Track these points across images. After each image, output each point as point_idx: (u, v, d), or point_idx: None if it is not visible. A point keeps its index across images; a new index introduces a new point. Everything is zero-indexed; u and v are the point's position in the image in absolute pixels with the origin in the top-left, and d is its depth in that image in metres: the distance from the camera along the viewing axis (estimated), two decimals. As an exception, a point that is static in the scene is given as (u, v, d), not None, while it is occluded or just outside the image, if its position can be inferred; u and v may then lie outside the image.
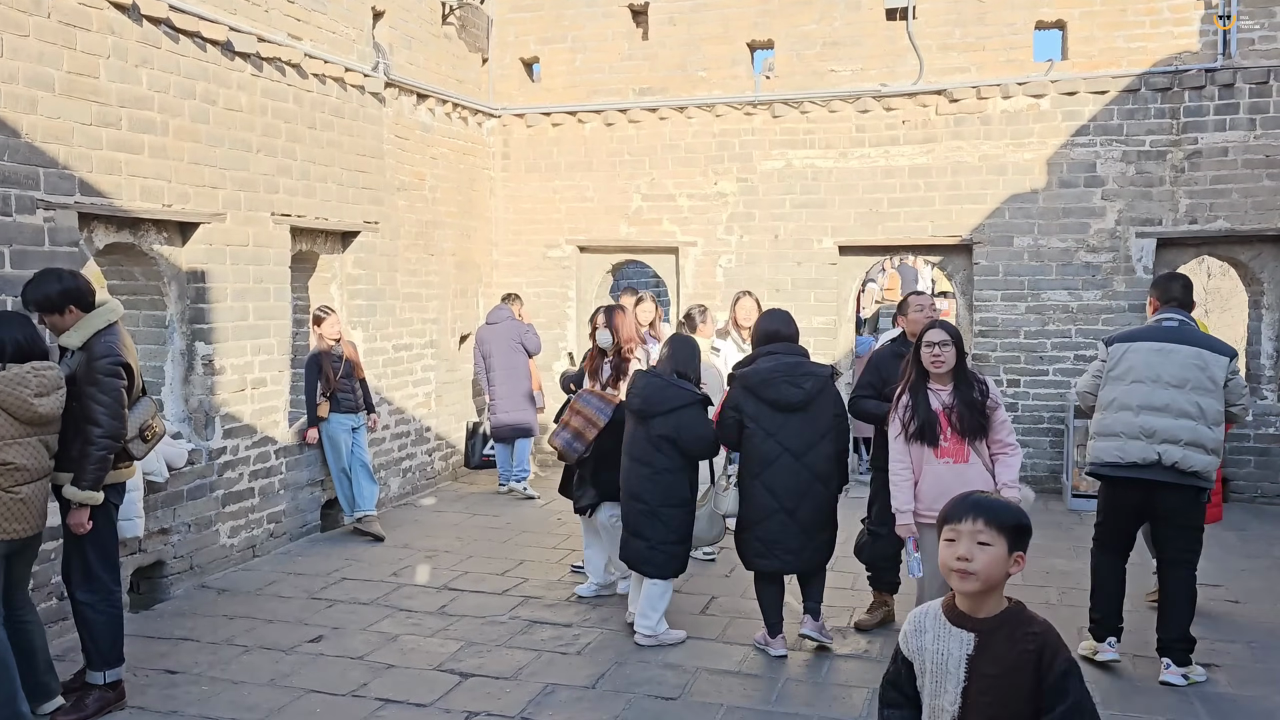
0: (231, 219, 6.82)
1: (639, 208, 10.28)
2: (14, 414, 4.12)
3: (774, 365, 5.14)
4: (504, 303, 9.64)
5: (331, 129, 7.92)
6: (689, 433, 5.33)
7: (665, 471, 5.34)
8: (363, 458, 7.90)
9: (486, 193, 10.57)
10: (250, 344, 7.04)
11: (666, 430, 5.30)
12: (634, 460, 5.44)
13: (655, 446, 5.34)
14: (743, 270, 10.00)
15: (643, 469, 5.38)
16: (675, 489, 5.38)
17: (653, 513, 5.35)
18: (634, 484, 5.43)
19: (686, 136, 10.10)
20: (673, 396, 5.36)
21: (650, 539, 5.37)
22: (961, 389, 4.73)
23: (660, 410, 5.34)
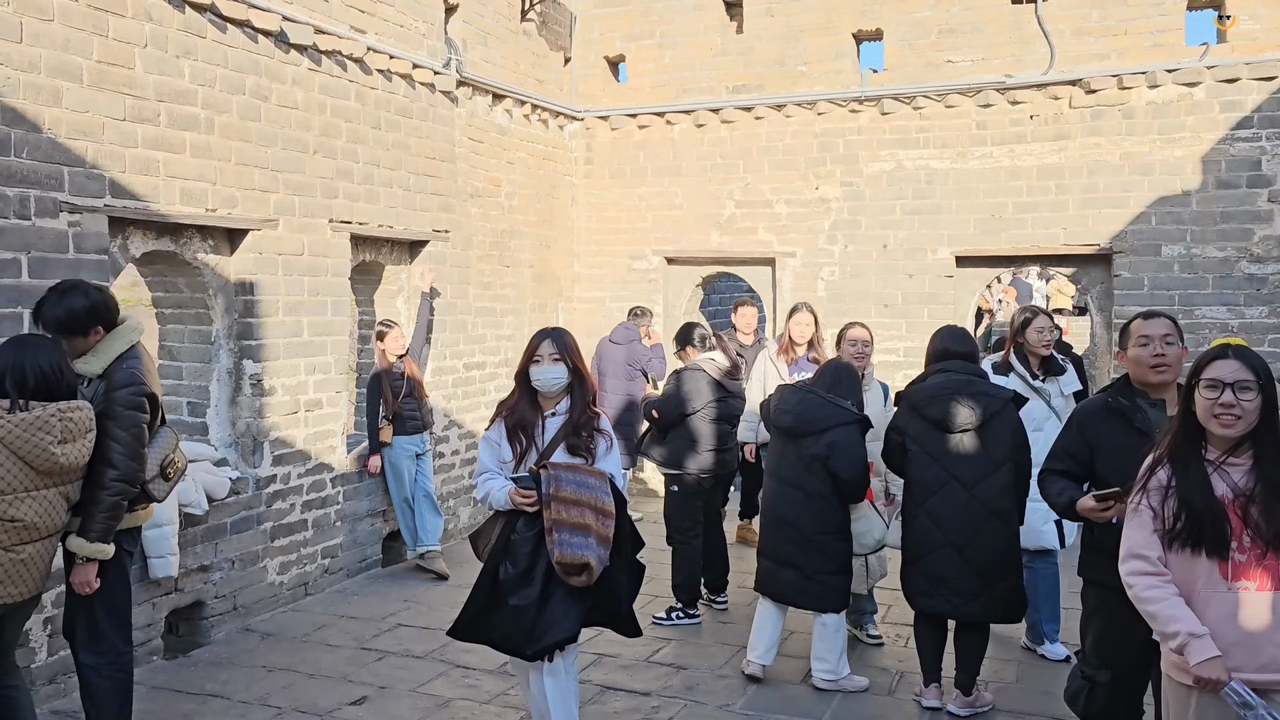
0: (285, 226, 6.23)
1: (732, 215, 9.44)
2: (32, 463, 3.43)
3: (942, 381, 4.67)
4: (630, 319, 8.64)
5: (398, 130, 7.31)
6: (845, 455, 4.84)
7: (819, 496, 4.91)
8: (426, 487, 7.23)
9: (567, 200, 9.87)
10: (304, 362, 6.43)
11: (819, 450, 4.86)
12: (783, 483, 5.04)
13: (807, 468, 4.92)
14: (847, 283, 9.07)
15: (794, 492, 4.97)
16: (830, 515, 4.95)
17: (807, 540, 4.93)
18: (783, 509, 5.01)
19: (785, 137, 9.23)
20: (830, 415, 4.91)
21: (804, 568, 4.94)
22: (1267, 464, 2.72)
23: (814, 429, 4.89)
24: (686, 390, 6.04)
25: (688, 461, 6.06)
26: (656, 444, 6.20)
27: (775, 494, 5.06)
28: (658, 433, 6.21)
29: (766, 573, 5.10)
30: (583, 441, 3.82)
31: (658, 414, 6.11)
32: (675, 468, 6.11)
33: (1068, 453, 3.61)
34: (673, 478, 6.15)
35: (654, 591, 6.70)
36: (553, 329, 3.92)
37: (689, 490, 6.12)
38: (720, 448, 6.14)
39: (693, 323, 6.43)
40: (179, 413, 6.11)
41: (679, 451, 6.09)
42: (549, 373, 3.80)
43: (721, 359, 6.15)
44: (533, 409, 3.90)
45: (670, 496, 6.19)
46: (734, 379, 6.17)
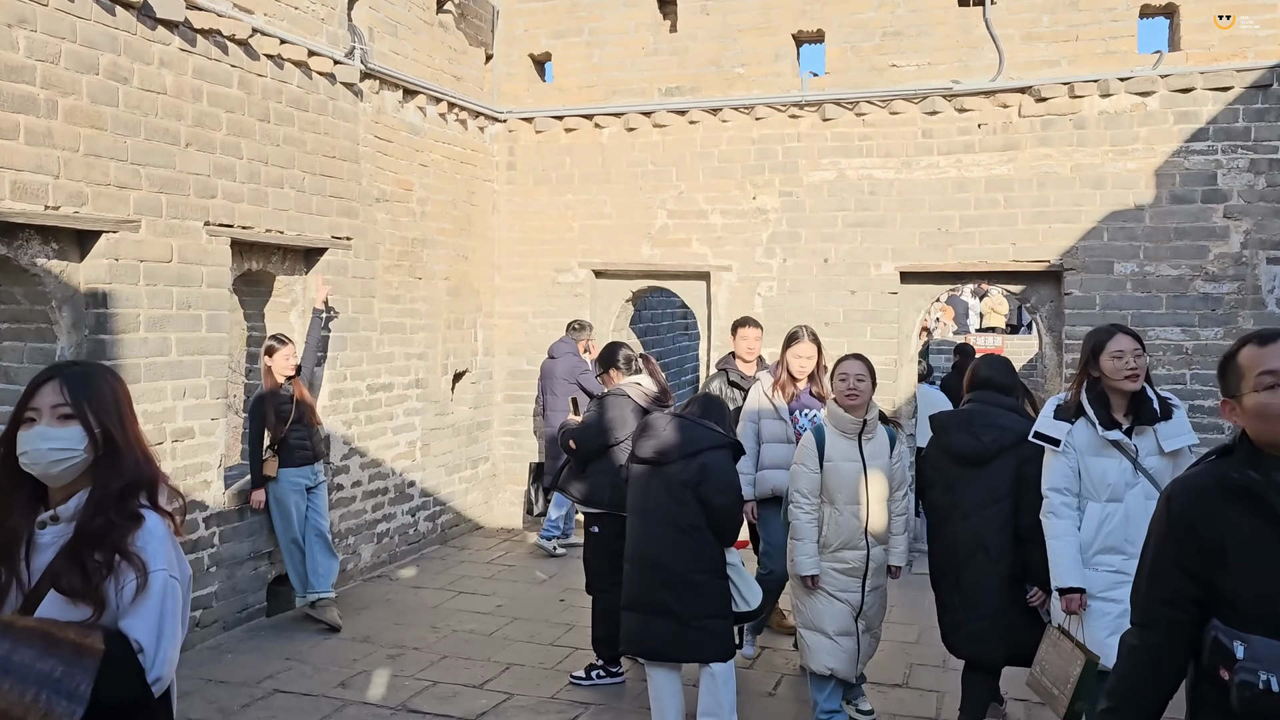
0: (148, 228, 5.41)
1: (664, 226, 8.81)
2: None
3: (967, 410, 4.58)
4: (568, 333, 8.29)
5: (290, 123, 6.51)
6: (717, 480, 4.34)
7: (692, 530, 4.32)
8: (319, 524, 6.41)
9: (488, 208, 9.14)
10: (172, 385, 5.59)
11: (689, 476, 4.33)
12: (649, 520, 4.44)
13: (676, 498, 4.34)
14: (786, 299, 8.49)
15: (662, 528, 4.37)
16: (705, 550, 4.35)
17: (682, 581, 4.31)
18: (651, 548, 4.40)
19: (721, 143, 8.63)
20: (700, 438, 4.43)
21: (680, 614, 4.30)
22: None
23: (683, 453, 4.38)
24: (609, 418, 5.36)
25: (609, 498, 5.37)
26: (575, 479, 5.50)
27: (641, 533, 4.47)
28: (576, 465, 5.51)
29: (636, 630, 4.40)
30: (86, 576, 2.04)
31: (575, 444, 5.41)
32: (595, 505, 5.41)
33: (1178, 567, 2.15)
34: (593, 517, 5.45)
35: (573, 643, 5.99)
36: (68, 365, 2.23)
37: (611, 531, 5.42)
38: None
39: (618, 343, 5.74)
40: (17, 444, 5.22)
41: (599, 487, 5.39)
42: (46, 442, 2.08)
43: (649, 383, 5.48)
44: (26, 511, 2.14)
45: (590, 539, 5.49)
46: (662, 406, 5.49)
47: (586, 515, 5.50)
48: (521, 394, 9.29)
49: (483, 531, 8.97)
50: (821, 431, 4.63)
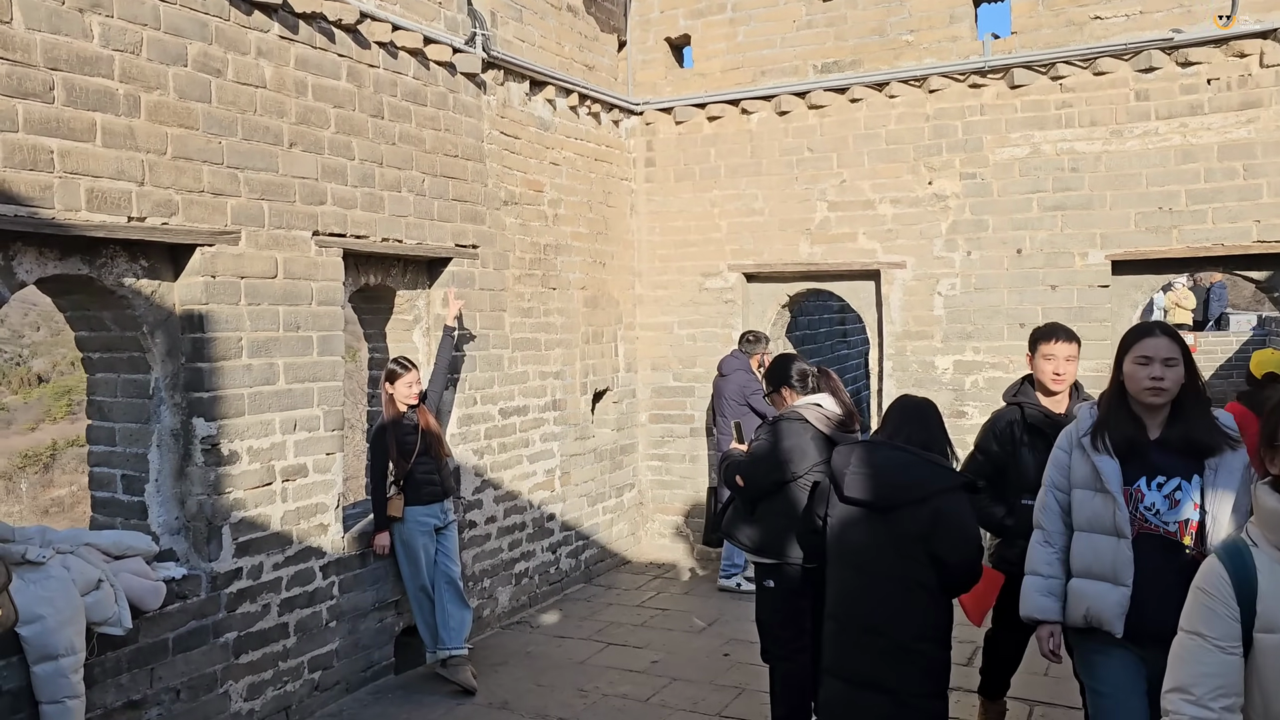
0: (249, 240, 4.75)
1: (825, 220, 7.76)
2: None
3: None
4: (740, 346, 7.48)
5: (406, 119, 5.81)
6: (954, 533, 3.44)
7: (920, 589, 3.48)
8: (449, 570, 5.65)
9: (625, 209, 8.30)
10: (280, 417, 4.92)
11: (920, 527, 3.44)
12: (864, 573, 3.58)
13: (902, 552, 3.48)
14: (972, 299, 7.30)
15: (885, 586, 3.51)
16: (933, 616, 3.53)
17: (903, 651, 3.48)
18: (868, 610, 3.56)
19: (889, 122, 7.53)
20: (929, 477, 3.49)
21: (898, 691, 3.50)
22: None
23: (910, 498, 3.46)
24: (784, 448, 4.36)
25: (788, 546, 4.38)
26: (743, 522, 4.52)
27: (851, 589, 3.63)
28: (744, 506, 4.54)
29: (839, 701, 3.62)
30: None
31: (744, 480, 4.44)
32: (771, 555, 4.42)
33: None
34: (767, 569, 4.46)
35: (743, 714, 5.02)
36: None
37: (791, 586, 4.42)
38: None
39: (789, 355, 4.74)
40: (112, 489, 4.65)
41: (775, 533, 4.40)
42: None
43: (831, 405, 4.46)
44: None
45: (765, 596, 4.49)
46: (848, 432, 4.47)
47: (759, 566, 4.52)
48: (668, 413, 8.39)
49: (630, 567, 8.09)
50: (1249, 565, 2.22)
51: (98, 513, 4.71)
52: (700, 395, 8.20)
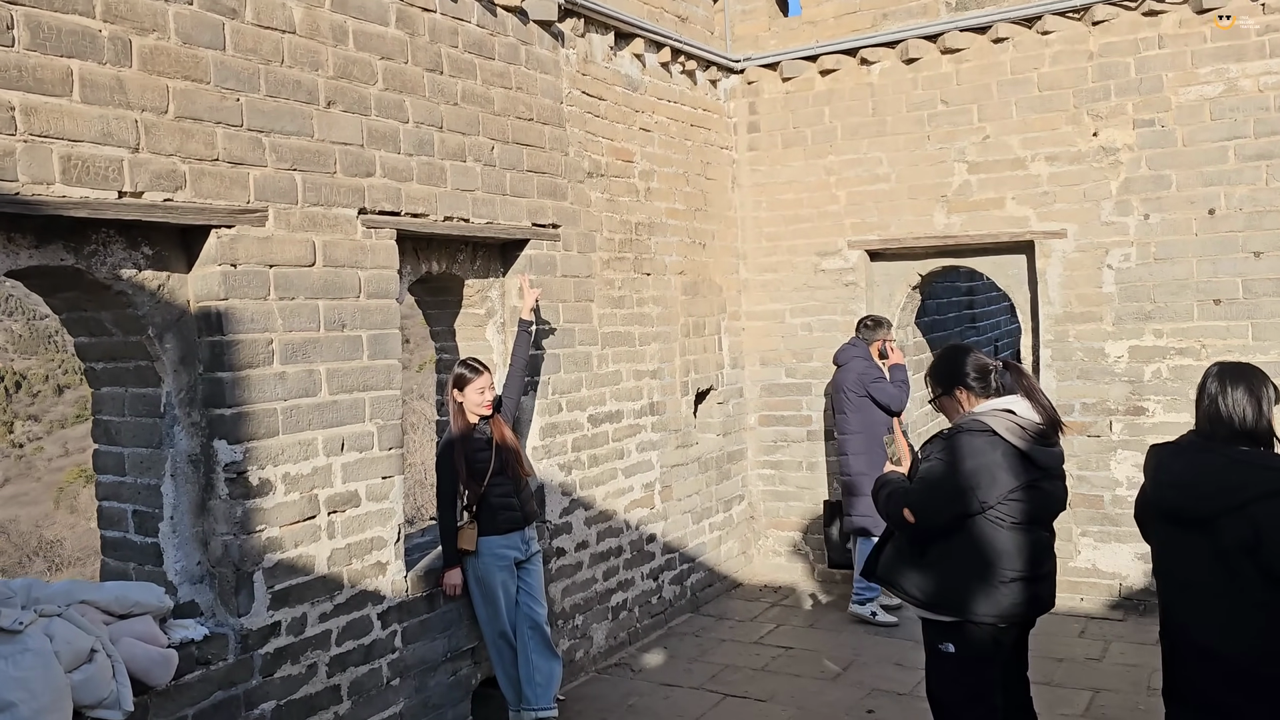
0: (278, 220, 3.87)
1: (964, 184, 6.58)
2: None
3: None
4: (858, 333, 6.49)
5: (470, 74, 4.88)
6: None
7: (1257, 608, 2.79)
8: (533, 612, 4.72)
9: (727, 182, 7.25)
10: (324, 436, 4.03)
11: (1241, 537, 2.77)
12: (1189, 589, 2.94)
13: (1227, 566, 2.80)
14: (1151, 271, 6.05)
15: (1213, 604, 2.88)
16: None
17: (1249, 677, 2.82)
18: (1197, 629, 2.93)
19: (1041, 64, 6.32)
20: (1245, 481, 2.77)
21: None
22: None
23: (1224, 506, 2.79)
24: (968, 470, 3.28)
25: (975, 600, 3.29)
26: (911, 566, 3.45)
27: (1180, 606, 2.98)
28: (911, 546, 3.46)
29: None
30: None
31: (915, 515, 3.37)
32: (951, 610, 3.35)
33: None
34: (944, 629, 3.38)
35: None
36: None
37: (978, 650, 3.34)
38: (1035, 574, 3.35)
39: (961, 347, 3.63)
40: (123, 527, 3.82)
41: (956, 581, 3.33)
42: None
43: (1025, 410, 3.35)
44: None
45: (940, 664, 3.42)
46: (1049, 445, 3.36)
47: (930, 625, 3.44)
48: (782, 414, 7.32)
49: (743, 591, 7.06)
50: None
51: (108, 556, 3.89)
52: (818, 393, 7.11)
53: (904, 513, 3.37)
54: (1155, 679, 5.10)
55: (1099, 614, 6.15)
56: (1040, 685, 3.64)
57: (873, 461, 6.15)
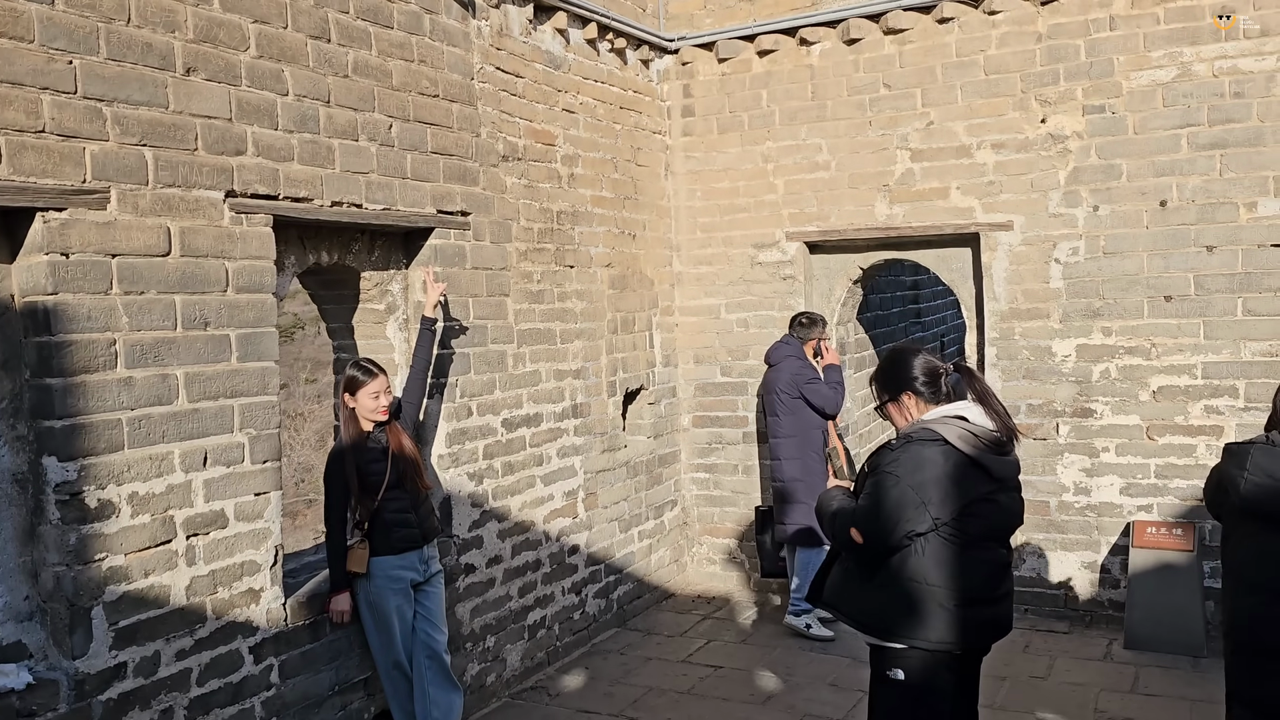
0: (123, 203, 3.37)
1: (907, 172, 6.23)
2: None
3: None
4: (792, 330, 6.12)
5: (364, 44, 4.40)
6: None
7: None
8: (431, 639, 4.29)
9: (659, 169, 6.83)
10: (181, 450, 3.55)
11: None
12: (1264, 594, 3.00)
13: None
14: (1101, 266, 5.75)
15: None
16: None
17: None
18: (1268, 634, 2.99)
19: (989, 45, 5.98)
20: None
21: None
22: None
23: None
24: (919, 482, 2.91)
25: (929, 625, 2.93)
26: (858, 589, 3.07)
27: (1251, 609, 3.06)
28: (858, 568, 3.09)
29: None
30: None
31: (864, 535, 2.98)
32: (901, 635, 2.98)
33: None
34: (896, 655, 3.00)
35: None
36: None
37: (930, 679, 2.98)
38: (992, 595, 3.00)
39: (909, 349, 3.24)
40: (-61, 558, 3.31)
41: (909, 604, 2.96)
42: None
43: (979, 416, 3.00)
44: None
45: (890, 692, 3.04)
46: (1004, 454, 3.01)
47: (879, 652, 3.07)
48: (717, 414, 6.93)
49: (674, 602, 6.67)
50: None
51: (-76, 590, 3.37)
52: (754, 393, 6.73)
53: (851, 534, 2.99)
54: (1103, 700, 4.82)
55: (1043, 627, 5.84)
56: (984, 708, 3.30)
57: (807, 467, 5.80)
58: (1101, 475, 5.82)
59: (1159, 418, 5.66)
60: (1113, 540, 5.81)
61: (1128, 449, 5.74)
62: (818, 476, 5.75)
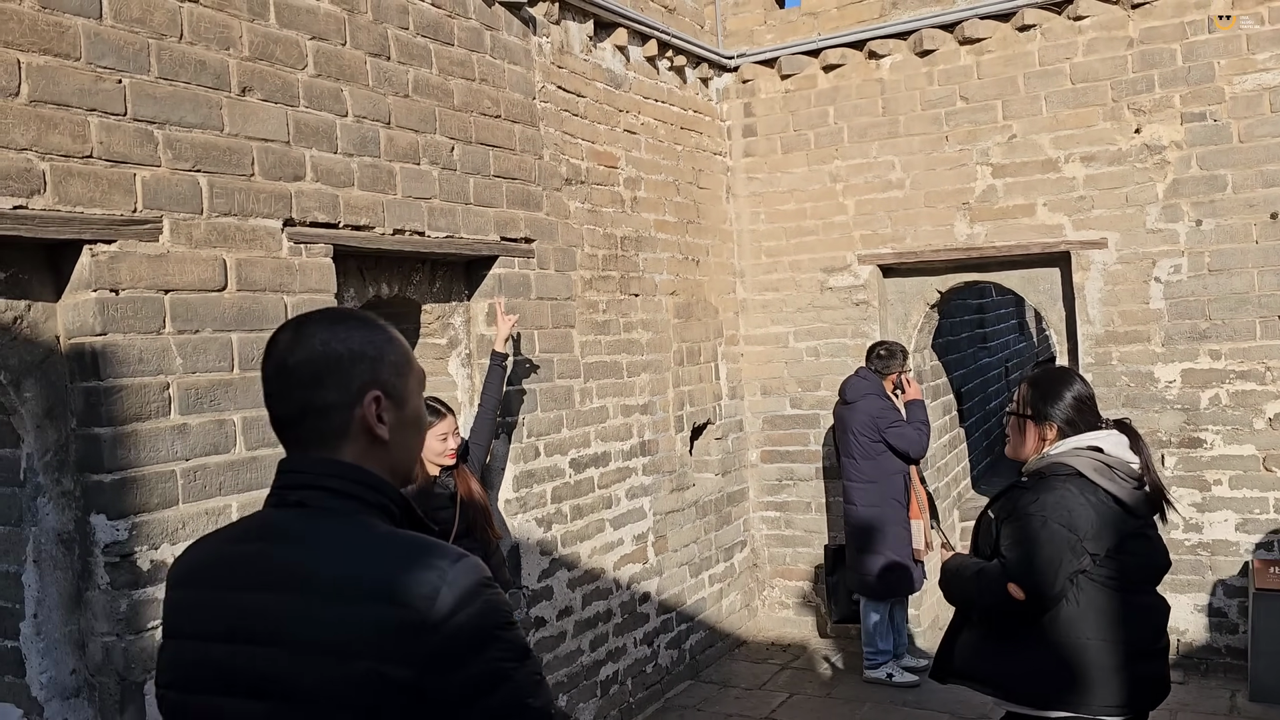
0: (176, 234, 3.08)
1: (989, 189, 5.87)
2: None
3: None
4: (869, 363, 5.63)
5: (424, 62, 4.12)
6: None
7: None
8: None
9: (720, 191, 6.51)
10: (240, 502, 3.23)
11: None
12: None
13: None
14: (1205, 285, 5.35)
15: None
16: None
17: None
18: None
19: (1075, 53, 5.62)
20: None
21: None
22: None
23: None
24: (1067, 517, 2.56)
25: (1093, 687, 2.57)
26: (1000, 652, 2.71)
27: None
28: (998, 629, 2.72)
29: None
30: None
31: (1026, 587, 2.61)
32: (1065, 703, 2.61)
33: None
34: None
35: None
36: None
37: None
38: (1154, 647, 2.64)
39: (1078, 374, 2.90)
40: (-23, 627, 3.00)
41: (1066, 664, 2.60)
42: None
43: (1114, 447, 2.66)
44: None
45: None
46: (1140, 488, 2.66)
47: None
48: (786, 449, 6.56)
49: (747, 650, 6.26)
50: None
51: (-38, 662, 3.07)
52: (827, 425, 6.35)
53: (1009, 590, 2.62)
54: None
55: (1156, 675, 5.38)
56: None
57: (886, 515, 5.39)
58: (1214, 510, 5.38)
59: (1277, 447, 5.23)
60: (1228, 581, 5.36)
61: (1243, 481, 5.31)
62: (898, 525, 5.37)
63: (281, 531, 1.31)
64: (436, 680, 1.19)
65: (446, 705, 1.21)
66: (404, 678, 1.18)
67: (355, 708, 1.19)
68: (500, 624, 1.25)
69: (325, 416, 1.32)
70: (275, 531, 1.32)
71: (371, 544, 1.26)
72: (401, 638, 1.19)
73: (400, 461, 1.39)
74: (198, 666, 1.32)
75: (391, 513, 1.34)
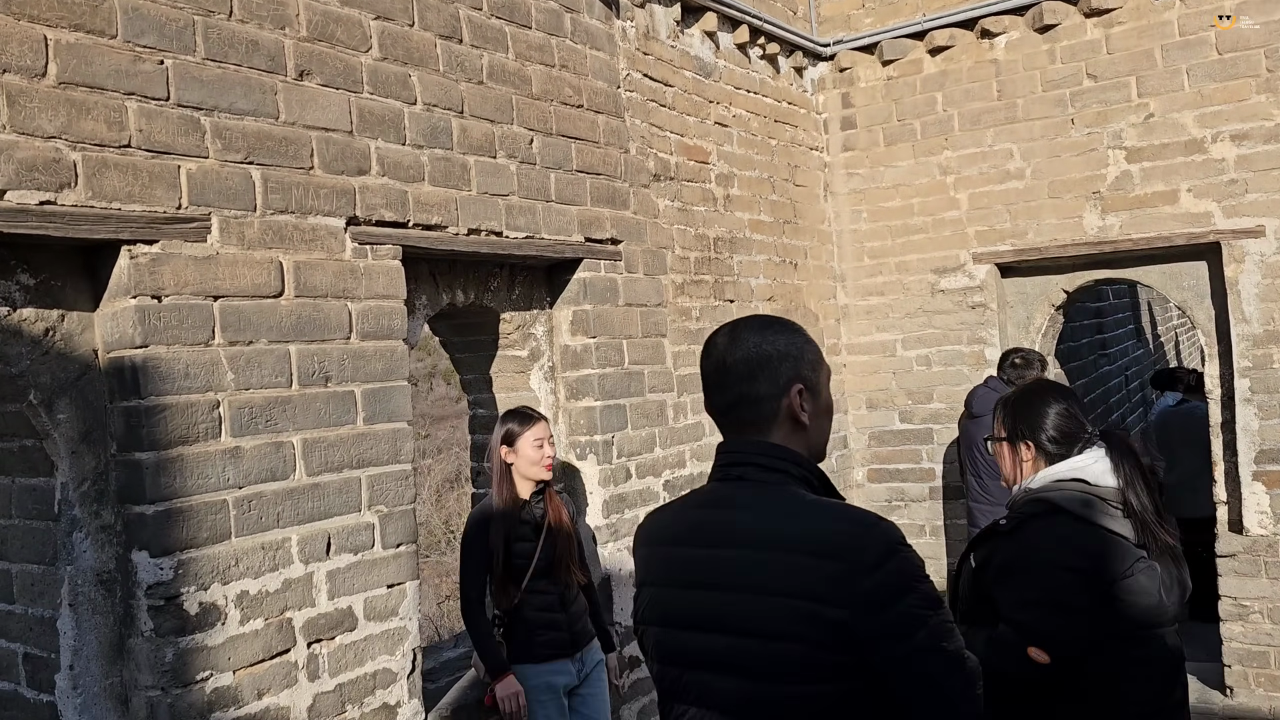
0: (226, 233, 2.74)
1: (1122, 176, 5.26)
2: None
3: None
4: (1000, 373, 5.07)
5: (500, 46, 3.75)
6: None
7: None
8: (599, 758, 3.49)
9: (818, 189, 6.03)
10: (299, 535, 2.86)
11: None
12: None
13: None
14: (1388, 274, 4.67)
15: None
16: None
17: None
18: None
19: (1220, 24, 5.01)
20: None
21: None
22: None
23: None
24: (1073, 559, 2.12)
25: None
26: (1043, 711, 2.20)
27: None
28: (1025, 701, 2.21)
29: None
30: None
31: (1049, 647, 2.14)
32: None
33: None
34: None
35: None
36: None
37: None
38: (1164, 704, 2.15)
39: (1059, 388, 2.44)
40: (13, 677, 2.69)
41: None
42: None
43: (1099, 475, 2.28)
44: None
45: None
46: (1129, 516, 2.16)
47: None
48: (896, 467, 6.01)
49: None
50: None
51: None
52: (942, 441, 5.80)
53: (1030, 656, 2.12)
54: None
55: (1339, 724, 4.69)
56: None
57: None
58: (1404, 533, 4.67)
59: None
60: None
61: None
62: None
63: (734, 500, 1.59)
64: (865, 620, 1.44)
65: (871, 641, 1.45)
66: (838, 617, 1.44)
67: (804, 641, 1.46)
68: (917, 576, 1.49)
69: (758, 405, 1.60)
70: (729, 500, 1.60)
71: (808, 509, 1.53)
72: (838, 585, 1.45)
73: (815, 442, 1.66)
74: (670, 606, 1.63)
75: (812, 484, 1.59)
